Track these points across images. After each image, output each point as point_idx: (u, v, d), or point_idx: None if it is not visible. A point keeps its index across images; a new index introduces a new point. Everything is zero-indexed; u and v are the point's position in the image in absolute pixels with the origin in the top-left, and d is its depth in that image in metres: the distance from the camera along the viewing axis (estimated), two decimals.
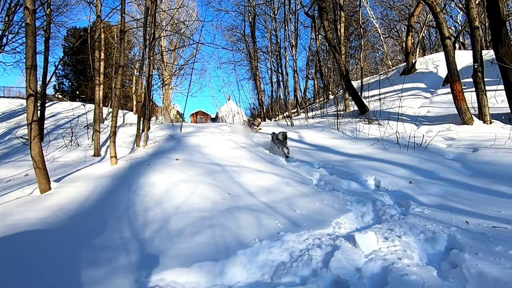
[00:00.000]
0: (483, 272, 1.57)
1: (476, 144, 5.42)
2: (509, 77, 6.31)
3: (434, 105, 8.52)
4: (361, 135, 6.75)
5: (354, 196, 3.27)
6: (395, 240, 1.98)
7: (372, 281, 1.59)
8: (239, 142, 6.39)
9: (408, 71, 10.44)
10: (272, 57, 13.61)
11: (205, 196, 2.98)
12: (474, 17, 6.77)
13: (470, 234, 2.11)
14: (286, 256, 1.84)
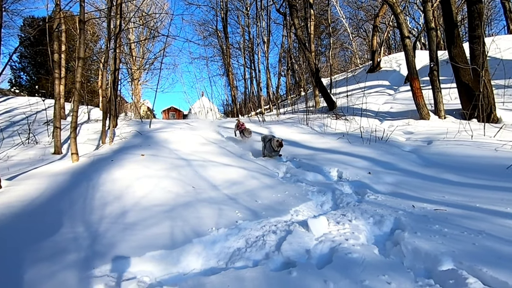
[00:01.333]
0: (418, 248, 1.73)
1: (431, 137, 5.84)
2: (461, 76, 6.85)
3: (397, 101, 9.04)
4: (329, 130, 7.00)
5: (317, 186, 3.40)
6: (345, 224, 2.11)
7: (320, 261, 1.69)
8: (209, 137, 6.37)
9: (374, 69, 10.95)
10: (245, 53, 13.63)
11: (168, 190, 2.96)
12: (430, 19, 7.24)
13: (414, 216, 2.30)
14: (242, 243, 1.90)
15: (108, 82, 7.04)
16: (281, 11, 11.58)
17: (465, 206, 2.60)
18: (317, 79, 9.43)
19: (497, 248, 1.73)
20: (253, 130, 7.28)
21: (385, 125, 7.38)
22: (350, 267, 1.54)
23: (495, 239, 1.86)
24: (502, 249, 1.71)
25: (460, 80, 6.87)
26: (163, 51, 7.87)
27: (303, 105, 10.90)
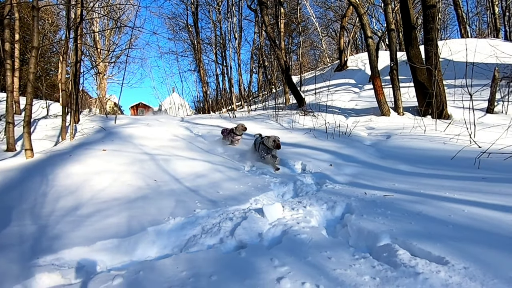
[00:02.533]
0: (362, 228, 1.89)
1: (389, 132, 6.23)
2: (417, 75, 7.36)
3: (361, 99, 9.50)
4: (297, 126, 7.20)
5: (280, 178, 3.52)
6: (300, 210, 2.23)
7: (271, 243, 1.78)
8: (178, 133, 6.29)
9: (341, 68, 11.40)
10: (216, 49, 13.52)
11: (128, 184, 2.91)
12: (390, 21, 7.68)
13: (363, 202, 2.48)
14: (198, 230, 1.94)
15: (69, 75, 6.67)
16: (252, 8, 11.64)
17: (410, 192, 2.84)
18: (287, 77, 9.62)
19: (429, 225, 1.93)
20: (224, 126, 7.30)
21: (350, 121, 7.73)
22: (297, 247, 1.64)
23: (429, 218, 2.07)
24: (433, 226, 1.91)
25: (417, 79, 7.38)
26: (129, 44, 7.57)
27: (274, 102, 11.08)
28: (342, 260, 1.46)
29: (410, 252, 1.58)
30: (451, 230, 1.86)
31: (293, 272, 1.36)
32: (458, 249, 1.56)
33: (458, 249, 1.56)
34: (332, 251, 1.56)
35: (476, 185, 3.04)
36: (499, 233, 1.81)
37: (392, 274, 1.33)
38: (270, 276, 1.33)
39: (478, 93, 7.60)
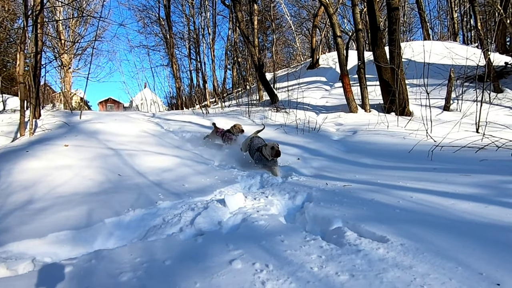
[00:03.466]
0: (317, 214, 2.00)
1: (356, 128, 6.53)
2: (382, 74, 7.74)
3: (332, 96, 9.83)
4: (269, 122, 7.31)
5: (248, 171, 3.59)
6: (261, 199, 2.31)
7: (230, 230, 1.84)
8: (148, 129, 6.14)
9: (313, 66, 11.70)
10: (190, 44, 13.29)
11: (90, 178, 2.82)
12: (358, 21, 8.01)
13: (324, 192, 2.61)
14: (159, 221, 1.94)
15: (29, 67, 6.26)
16: (226, 3, 11.57)
17: (368, 182, 3.02)
18: (260, 74, 9.70)
19: (379, 210, 2.09)
20: (196, 122, 7.24)
21: (320, 118, 7.99)
22: (253, 232, 1.71)
23: (380, 204, 2.24)
24: (382, 211, 2.07)
25: (382, 78, 7.77)
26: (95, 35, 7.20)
27: (248, 98, 11.13)
28: (293, 243, 1.55)
29: (358, 233, 1.70)
30: (397, 214, 2.02)
31: (246, 254, 1.42)
32: (399, 229, 1.71)
33: (399, 229, 1.71)
34: (286, 235, 1.64)
35: (427, 175, 3.30)
36: (437, 215, 2.00)
37: (337, 252, 1.43)
38: (223, 259, 1.38)
39: (437, 92, 8.18)
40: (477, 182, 2.84)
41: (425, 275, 1.21)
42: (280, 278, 1.22)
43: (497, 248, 1.46)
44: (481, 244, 1.50)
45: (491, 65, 7.89)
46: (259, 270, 1.28)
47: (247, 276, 1.24)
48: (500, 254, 1.39)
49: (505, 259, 1.34)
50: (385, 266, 1.29)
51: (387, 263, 1.32)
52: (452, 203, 2.26)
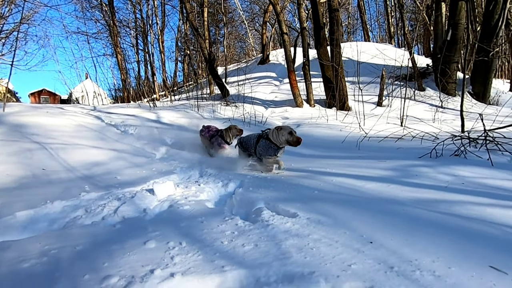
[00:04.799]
0: (244, 198, 2.15)
1: (300, 121, 6.92)
2: (325, 71, 8.28)
3: (281, 91, 10.21)
4: (218, 116, 7.35)
5: (188, 163, 3.61)
6: (193, 187, 2.39)
7: (155, 216, 1.89)
8: (86, 122, 5.75)
9: (264, 62, 11.99)
10: (137, 34, 12.58)
11: (7, 174, 2.59)
12: (303, 20, 8.41)
13: (256, 179, 2.77)
14: (81, 212, 1.90)
15: None
16: None
17: (300, 169, 3.28)
18: (211, 67, 9.64)
19: (300, 192, 2.31)
20: (141, 115, 6.95)
21: (268, 112, 8.28)
22: (176, 216, 1.79)
23: (303, 187, 2.47)
24: (303, 192, 2.30)
25: (325, 75, 8.31)
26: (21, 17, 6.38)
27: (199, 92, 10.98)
28: (212, 223, 1.66)
29: (275, 212, 1.88)
30: (315, 194, 2.26)
31: (163, 235, 1.49)
32: (311, 206, 1.93)
33: (311, 206, 1.93)
34: (207, 217, 1.75)
35: (352, 162, 3.69)
36: (347, 194, 2.29)
37: (249, 228, 1.58)
38: (138, 241, 1.43)
39: (372, 89, 9.03)
40: (389, 166, 3.27)
41: (317, 240, 1.42)
42: (190, 253, 1.31)
43: (383, 217, 1.75)
44: (372, 214, 1.78)
45: (415, 66, 8.97)
46: (172, 248, 1.36)
47: (159, 253, 1.31)
48: (383, 221, 1.67)
49: (385, 224, 1.63)
50: (287, 236, 1.47)
51: (290, 233, 1.51)
52: (363, 184, 2.59)
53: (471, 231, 1.56)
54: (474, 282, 1.10)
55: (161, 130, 5.78)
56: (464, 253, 1.30)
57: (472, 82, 8.58)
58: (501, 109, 7.04)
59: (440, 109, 7.70)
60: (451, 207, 1.96)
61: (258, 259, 1.25)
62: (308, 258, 1.26)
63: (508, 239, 1.49)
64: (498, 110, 7.79)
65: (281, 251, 1.32)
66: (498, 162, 3.11)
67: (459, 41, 8.34)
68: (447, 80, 8.43)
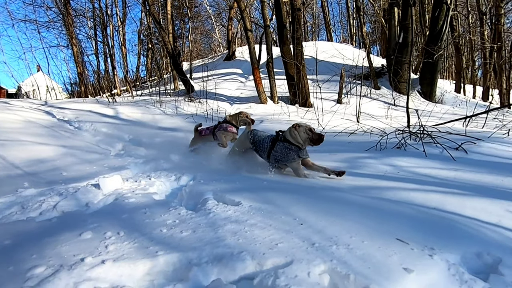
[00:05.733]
0: (194, 190, 2.21)
1: (263, 117, 7.06)
2: (288, 69, 8.49)
3: (246, 88, 10.29)
4: (181, 112, 7.24)
5: (144, 159, 3.55)
6: (143, 181, 2.39)
7: (97, 209, 1.87)
8: (36, 118, 5.37)
9: (230, 58, 11.98)
10: (96, 24, 11.88)
11: None
12: (266, 18, 8.55)
13: (209, 173, 2.83)
14: (16, 208, 1.82)
15: None
16: None
17: None
18: (175, 62, 9.44)
19: (250, 183, 2.42)
20: (98, 111, 6.64)
21: (234, 108, 8.32)
22: (120, 208, 1.80)
23: (254, 179, 2.58)
24: (253, 183, 2.41)
25: (288, 73, 8.53)
26: None
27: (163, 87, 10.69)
28: (155, 214, 1.69)
29: (222, 201, 1.96)
30: (264, 185, 2.37)
31: (101, 227, 1.50)
32: (257, 195, 2.03)
33: (257, 195, 2.03)
34: (151, 208, 1.77)
35: None
36: (295, 183, 2.44)
37: (191, 217, 1.65)
38: (74, 233, 1.42)
39: (333, 87, 9.46)
40: (339, 158, 3.50)
41: (253, 225, 1.52)
42: (126, 241, 1.34)
43: (319, 202, 1.90)
44: (310, 200, 1.93)
45: (371, 66, 9.56)
46: (108, 237, 1.38)
47: (93, 243, 1.32)
48: (318, 206, 1.82)
49: (319, 208, 1.78)
50: (226, 222, 1.56)
51: (229, 220, 1.59)
52: (311, 174, 2.77)
53: (392, 211, 1.77)
54: (379, 252, 1.27)
55: (119, 126, 5.59)
56: (379, 230, 1.48)
57: (421, 82, 9.36)
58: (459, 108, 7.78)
59: (393, 107, 8.30)
60: (382, 192, 2.18)
61: (193, 244, 1.32)
62: (241, 240, 1.35)
63: (420, 217, 1.71)
64: (442, 108, 8.60)
65: (217, 235, 1.40)
66: (431, 153, 3.47)
67: (410, 44, 9.02)
68: (399, 80, 9.10)
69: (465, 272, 1.21)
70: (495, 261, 1.34)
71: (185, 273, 1.17)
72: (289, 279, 1.06)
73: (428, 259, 1.24)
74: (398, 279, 1.10)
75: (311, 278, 1.08)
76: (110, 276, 1.10)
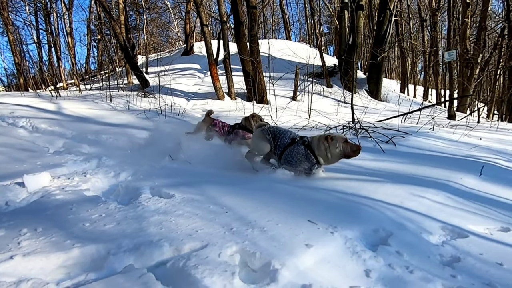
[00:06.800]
0: (130, 186, 2.21)
1: (219, 114, 7.08)
2: (245, 66, 8.58)
3: (204, 84, 10.21)
4: (133, 107, 6.97)
5: (85, 156, 3.40)
6: (76, 178, 2.32)
7: (18, 208, 1.80)
8: None
9: (188, 53, 11.75)
10: (36, 10, 10.83)
11: None
12: (222, 14, 8.54)
13: (152, 168, 2.83)
14: None
15: None
16: None
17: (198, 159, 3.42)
18: (128, 55, 9.01)
19: (191, 177, 2.46)
20: (37, 106, 6.12)
21: (190, 104, 8.23)
22: (44, 205, 1.75)
23: (194, 173, 2.64)
24: (192, 178, 2.46)
25: (245, 69, 8.62)
26: None
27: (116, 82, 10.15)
28: (82, 210, 1.68)
29: (157, 195, 2.00)
30: (205, 179, 2.45)
31: (17, 224, 1.46)
32: (194, 188, 2.10)
33: (194, 188, 2.10)
34: (79, 205, 1.75)
35: None
36: (235, 176, 2.55)
37: (119, 210, 1.67)
38: None
39: (289, 85, 9.79)
40: None
41: (180, 215, 1.60)
42: (42, 236, 1.33)
43: (248, 192, 2.03)
44: (241, 191, 2.06)
45: (324, 65, 10.08)
46: (23, 234, 1.35)
47: (5, 241, 1.29)
48: (247, 195, 1.95)
49: (248, 197, 1.91)
50: (154, 214, 1.61)
51: (158, 212, 1.65)
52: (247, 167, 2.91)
53: (312, 198, 1.96)
54: (288, 232, 1.43)
55: (61, 122, 5.23)
56: (295, 214, 1.65)
57: (368, 81, 10.10)
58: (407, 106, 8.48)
59: (343, 104, 8.87)
60: (310, 182, 2.39)
61: (115, 235, 1.36)
62: (163, 229, 1.42)
63: (334, 202, 1.93)
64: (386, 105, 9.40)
65: (141, 226, 1.45)
66: (366, 146, 3.81)
67: (356, 46, 9.68)
68: (349, 79, 9.72)
69: (358, 245, 1.42)
70: (387, 235, 1.58)
71: (102, 263, 1.20)
72: (199, 260, 1.16)
73: (329, 236, 1.43)
74: (298, 254, 1.25)
75: (221, 258, 1.19)
76: (18, 270, 1.09)
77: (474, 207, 2.16)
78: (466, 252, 1.53)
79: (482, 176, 3.01)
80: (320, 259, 1.26)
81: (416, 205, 2.00)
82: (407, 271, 1.29)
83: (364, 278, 1.22)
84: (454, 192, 2.39)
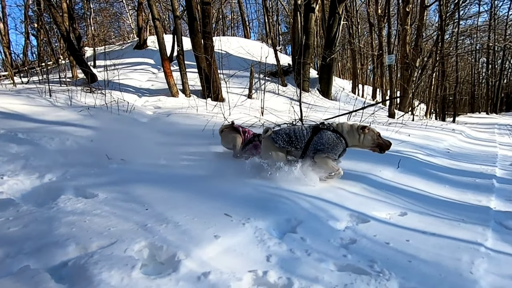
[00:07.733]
0: (52, 187, 2.13)
1: (171, 111, 6.96)
2: (200, 63, 8.50)
3: (158, 80, 9.88)
4: (76, 103, 6.53)
5: (10, 157, 3.15)
6: None
7: None
8: None
9: (141, 47, 11.26)
10: None
11: None
12: (175, 8, 8.34)
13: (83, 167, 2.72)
14: None
15: None
16: None
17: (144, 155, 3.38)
18: (71, 47, 8.38)
19: (122, 177, 2.44)
20: None
21: (142, 100, 7.94)
22: None
23: (130, 171, 2.61)
24: (125, 176, 2.43)
25: (199, 66, 8.54)
26: None
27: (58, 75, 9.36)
28: None
29: (81, 196, 1.96)
30: (134, 177, 2.43)
31: None
32: (120, 187, 2.09)
33: (120, 187, 2.09)
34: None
35: (201, 148, 4.08)
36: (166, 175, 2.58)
37: (30, 212, 1.62)
38: None
39: (245, 83, 9.92)
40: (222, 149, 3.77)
41: (96, 215, 1.60)
42: None
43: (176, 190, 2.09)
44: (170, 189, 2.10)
45: (279, 64, 10.38)
46: None
47: None
48: (173, 193, 2.01)
49: (173, 195, 1.96)
50: (69, 214, 1.60)
51: (74, 212, 1.63)
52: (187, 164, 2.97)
53: (236, 193, 2.08)
54: (201, 225, 1.52)
55: None
56: (214, 208, 1.75)
57: (320, 81, 10.64)
58: None
59: (296, 103, 9.24)
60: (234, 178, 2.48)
61: (17, 238, 1.33)
62: (74, 229, 1.42)
63: (257, 196, 2.07)
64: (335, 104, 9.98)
65: (51, 227, 1.43)
66: None
67: (311, 46, 10.13)
68: (302, 78, 10.14)
69: (266, 233, 1.56)
70: (298, 223, 1.75)
71: None
72: (102, 256, 1.19)
73: (240, 227, 1.55)
74: (204, 245, 1.35)
75: (126, 253, 1.24)
76: None
77: (383, 196, 2.46)
78: (362, 235, 1.76)
79: (400, 168, 3.42)
80: (225, 248, 1.38)
81: (332, 196, 2.22)
82: (305, 254, 1.46)
83: (264, 263, 1.35)
84: (370, 184, 2.69)
